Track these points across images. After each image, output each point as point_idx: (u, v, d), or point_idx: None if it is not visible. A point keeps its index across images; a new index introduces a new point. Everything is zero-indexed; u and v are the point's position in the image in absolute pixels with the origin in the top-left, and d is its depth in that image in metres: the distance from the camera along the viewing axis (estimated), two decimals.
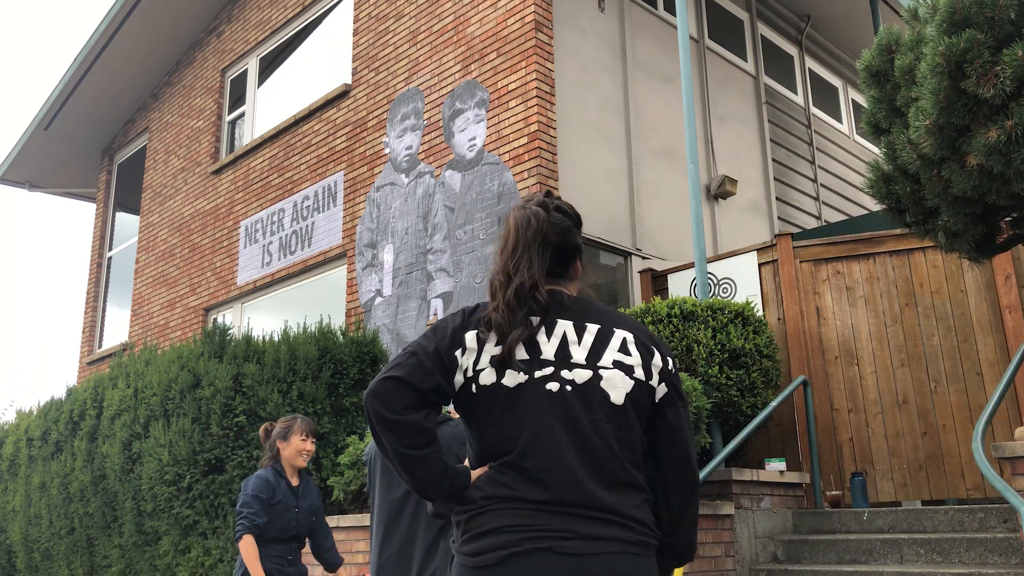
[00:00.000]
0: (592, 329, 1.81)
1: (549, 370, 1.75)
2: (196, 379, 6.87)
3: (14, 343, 37.65)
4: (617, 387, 1.77)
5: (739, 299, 6.85)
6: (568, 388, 1.74)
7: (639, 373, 1.80)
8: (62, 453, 8.09)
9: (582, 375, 1.76)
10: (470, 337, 1.78)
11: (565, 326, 1.80)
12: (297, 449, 4.17)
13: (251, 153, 10.46)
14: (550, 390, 1.74)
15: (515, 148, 7.23)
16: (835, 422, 6.23)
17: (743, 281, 6.88)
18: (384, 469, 3.20)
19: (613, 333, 1.82)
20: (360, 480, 6.03)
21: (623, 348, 1.81)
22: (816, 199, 10.81)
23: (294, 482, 4.19)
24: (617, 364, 1.79)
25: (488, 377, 1.74)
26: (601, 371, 1.77)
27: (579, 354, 1.78)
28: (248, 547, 3.92)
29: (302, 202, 9.48)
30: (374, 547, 3.21)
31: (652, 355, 1.84)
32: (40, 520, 8.12)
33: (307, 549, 4.40)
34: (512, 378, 1.74)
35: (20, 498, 8.46)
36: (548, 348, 1.77)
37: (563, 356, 1.77)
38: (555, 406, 1.73)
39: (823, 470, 6.16)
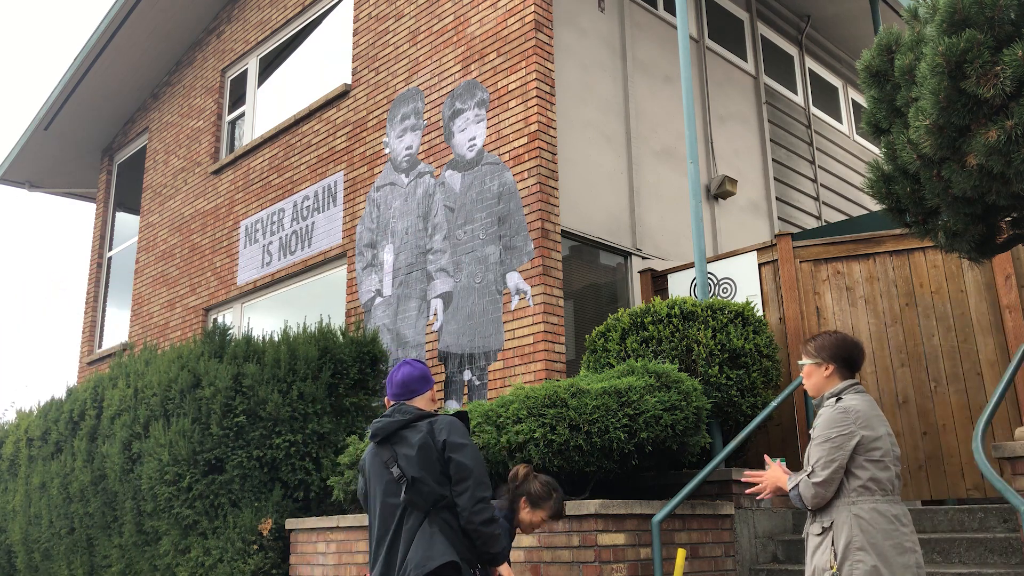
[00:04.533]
0: None
1: None
2: (196, 379, 6.87)
3: (14, 343, 37.64)
4: None
5: (739, 299, 6.84)
6: None
7: None
8: (62, 453, 8.09)
9: None
10: None
11: None
12: (533, 523, 3.81)
13: (251, 153, 10.46)
14: None
15: (515, 148, 7.23)
16: None
17: (743, 281, 6.87)
18: (380, 475, 3.25)
19: None
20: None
21: None
22: (816, 199, 10.81)
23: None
24: None
25: None
26: None
27: None
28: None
29: (302, 202, 9.48)
30: (372, 548, 3.27)
31: None
32: (40, 520, 8.12)
33: None
34: None
35: (20, 498, 8.46)
36: None
37: None
38: None
39: None
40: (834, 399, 3.25)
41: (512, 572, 3.20)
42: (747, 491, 3.45)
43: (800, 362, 3.39)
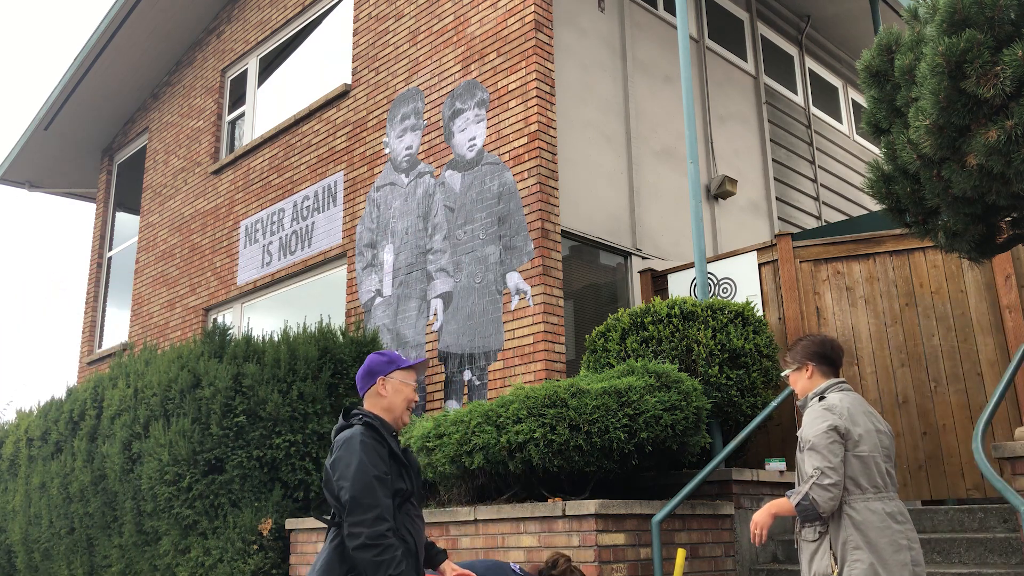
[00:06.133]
0: None
1: None
2: (196, 379, 6.87)
3: (14, 343, 37.64)
4: None
5: (739, 299, 6.84)
6: None
7: None
8: (62, 453, 8.09)
9: None
10: None
11: None
12: None
13: (251, 153, 10.46)
14: None
15: (515, 148, 7.23)
16: None
17: (743, 281, 6.87)
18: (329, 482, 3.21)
19: None
20: None
21: None
22: (816, 199, 10.81)
23: None
24: None
25: None
26: None
27: None
28: None
29: (302, 202, 9.48)
30: None
31: None
32: (40, 520, 8.12)
33: None
34: None
35: (20, 498, 8.46)
36: None
37: None
38: None
39: None
40: (817, 398, 3.27)
41: None
42: (754, 541, 3.36)
43: (782, 374, 3.47)
